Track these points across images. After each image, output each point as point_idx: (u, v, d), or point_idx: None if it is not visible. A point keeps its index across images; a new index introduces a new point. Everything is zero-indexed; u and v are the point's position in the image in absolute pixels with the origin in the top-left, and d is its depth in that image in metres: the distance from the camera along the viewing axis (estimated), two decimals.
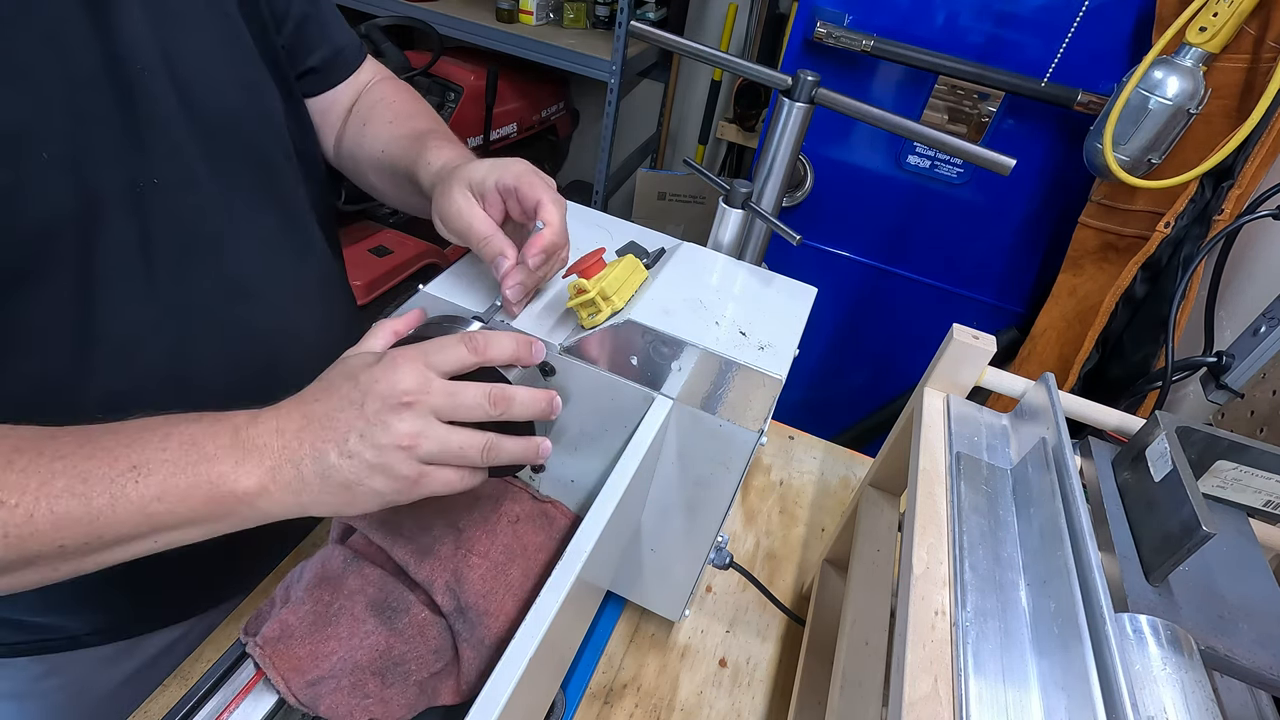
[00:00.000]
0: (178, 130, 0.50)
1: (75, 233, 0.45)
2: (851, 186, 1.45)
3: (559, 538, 0.56)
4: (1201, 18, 1.00)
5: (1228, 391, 0.85)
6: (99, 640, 0.63)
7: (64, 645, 0.61)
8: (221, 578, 0.69)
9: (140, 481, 0.37)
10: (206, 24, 0.53)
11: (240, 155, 0.56)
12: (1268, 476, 0.45)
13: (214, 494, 0.38)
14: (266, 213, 0.59)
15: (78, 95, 0.44)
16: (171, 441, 0.38)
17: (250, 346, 0.58)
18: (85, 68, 0.44)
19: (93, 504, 0.36)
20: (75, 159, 0.44)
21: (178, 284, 0.52)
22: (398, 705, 0.50)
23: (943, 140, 0.74)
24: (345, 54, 0.69)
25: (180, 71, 0.50)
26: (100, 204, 0.46)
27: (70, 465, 0.36)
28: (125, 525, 0.37)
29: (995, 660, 0.35)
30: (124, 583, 0.51)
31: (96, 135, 0.45)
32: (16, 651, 0.60)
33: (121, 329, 0.50)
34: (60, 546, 0.36)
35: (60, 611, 0.60)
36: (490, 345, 0.44)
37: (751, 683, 0.69)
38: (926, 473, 0.47)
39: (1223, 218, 1.05)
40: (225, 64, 0.54)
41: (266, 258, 0.59)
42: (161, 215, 0.50)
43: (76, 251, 0.45)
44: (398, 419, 0.40)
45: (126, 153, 0.47)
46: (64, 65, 0.43)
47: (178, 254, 0.51)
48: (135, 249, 0.49)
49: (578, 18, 2.25)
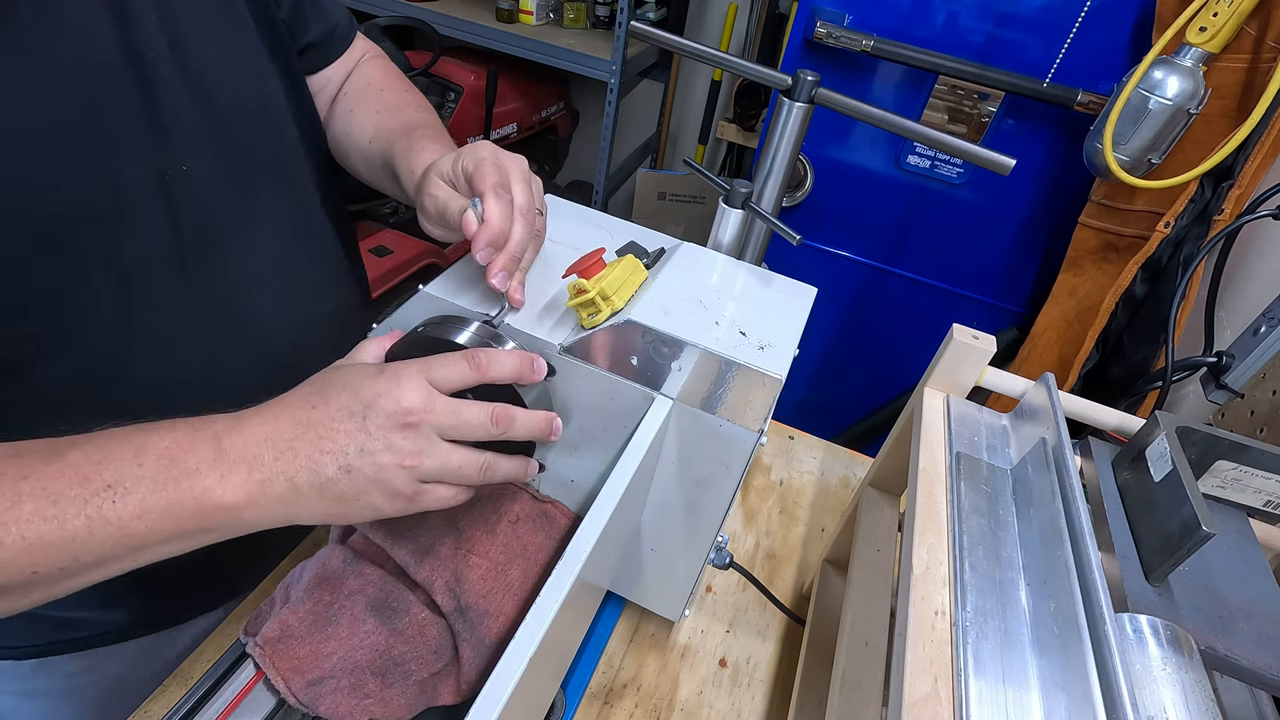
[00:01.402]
0: (193, 120, 0.50)
1: (107, 224, 0.45)
2: (851, 186, 1.45)
3: (559, 538, 0.56)
4: (1201, 18, 1.00)
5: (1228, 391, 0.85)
6: (141, 631, 0.63)
7: (109, 639, 0.61)
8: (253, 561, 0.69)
9: (117, 501, 0.35)
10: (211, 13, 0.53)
11: (251, 143, 0.56)
12: (1268, 476, 0.45)
13: (198, 509, 0.36)
14: (280, 200, 0.60)
15: (100, 87, 0.44)
16: (146, 456, 0.36)
17: (274, 334, 0.59)
18: (106, 59, 0.44)
19: (67, 526, 0.34)
20: (101, 151, 0.44)
21: (207, 273, 0.52)
22: (398, 705, 0.50)
23: (943, 140, 0.74)
24: (340, 29, 0.69)
25: (190, 61, 0.50)
26: (130, 195, 0.46)
27: (38, 486, 0.34)
28: (104, 547, 0.35)
29: (995, 660, 0.35)
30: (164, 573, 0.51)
31: (121, 126, 0.45)
32: (56, 650, 0.60)
33: (159, 320, 0.49)
34: (33, 573, 0.34)
35: (105, 606, 0.60)
36: (493, 363, 0.43)
37: (751, 683, 0.69)
38: (926, 473, 0.47)
39: (1223, 218, 1.05)
40: (229, 51, 0.54)
41: (284, 245, 0.60)
42: (190, 204, 0.50)
43: (109, 243, 0.45)
44: (401, 436, 0.39)
45: (151, 142, 0.47)
46: (85, 58, 0.43)
47: (205, 243, 0.51)
48: (169, 238, 0.49)
49: (578, 18, 2.25)
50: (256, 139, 0.56)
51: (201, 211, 0.51)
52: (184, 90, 0.49)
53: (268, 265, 0.58)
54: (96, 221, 0.44)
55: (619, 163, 2.51)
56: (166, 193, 0.48)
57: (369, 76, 0.70)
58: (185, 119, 0.49)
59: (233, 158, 0.54)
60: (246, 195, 0.55)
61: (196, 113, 0.50)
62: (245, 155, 0.55)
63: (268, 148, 0.58)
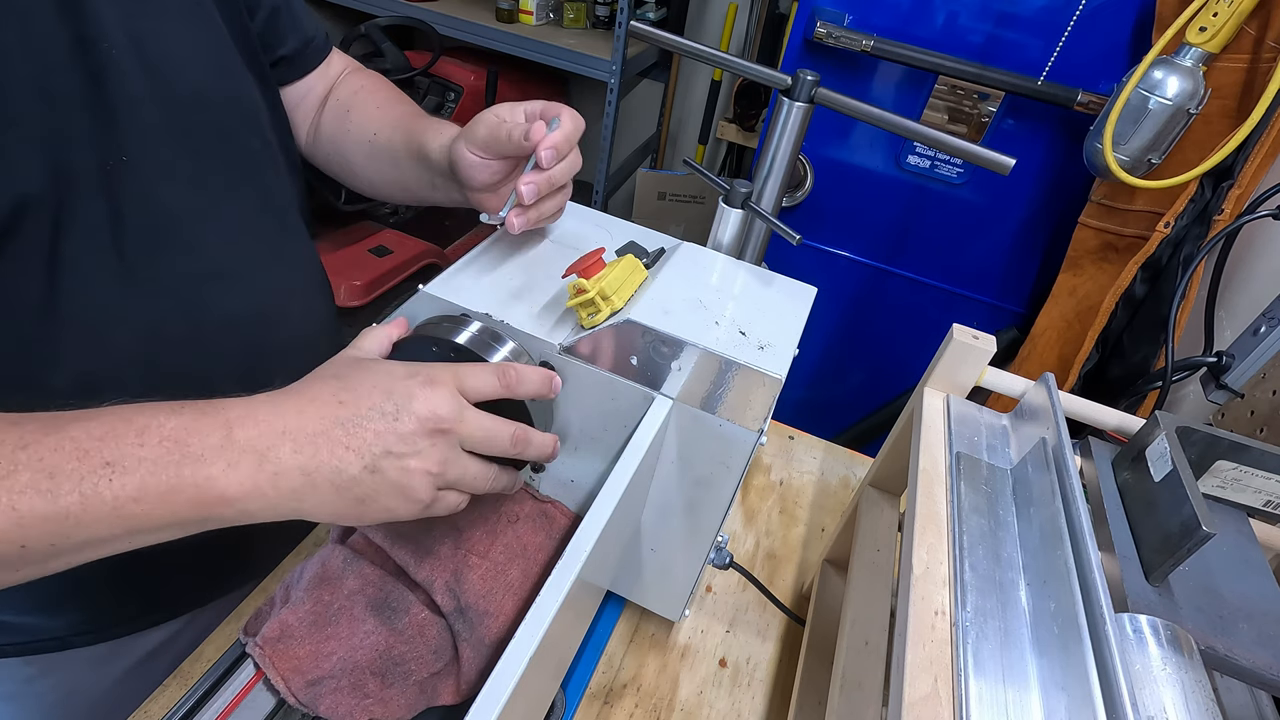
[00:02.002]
0: (148, 111, 0.49)
1: (46, 211, 0.44)
2: (851, 186, 1.45)
3: (559, 538, 0.56)
4: (1201, 18, 1.00)
5: (1228, 391, 0.85)
6: (86, 641, 0.62)
7: (52, 646, 0.60)
8: (212, 575, 0.68)
9: (114, 480, 0.34)
10: (176, 8, 0.52)
11: (214, 137, 0.55)
12: (1268, 476, 0.45)
13: (199, 497, 0.35)
14: (243, 197, 0.58)
15: (48, 77, 0.43)
16: (149, 437, 0.35)
17: (226, 331, 0.57)
18: (54, 50, 0.44)
19: (60, 502, 0.33)
20: (46, 139, 0.43)
21: (149, 264, 0.51)
22: (398, 705, 0.50)
23: (943, 140, 0.74)
24: (316, 42, 0.69)
25: (149, 52, 0.49)
26: (71, 183, 0.45)
27: (34, 457, 0.33)
28: (98, 526, 0.34)
29: (995, 660, 0.35)
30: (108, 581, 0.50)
31: (67, 115, 0.45)
32: (4, 653, 0.59)
33: (89, 308, 0.48)
34: (22, 547, 0.33)
35: (44, 611, 0.59)
36: (521, 380, 0.45)
37: (751, 683, 0.69)
38: (926, 473, 0.47)
39: (1223, 218, 1.05)
40: (195, 46, 0.54)
41: (243, 242, 0.58)
42: (131, 194, 0.49)
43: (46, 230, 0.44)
44: (430, 443, 0.39)
45: (97, 132, 0.46)
46: (32, 48, 0.42)
47: (148, 234, 0.50)
48: (105, 228, 0.48)
49: (578, 18, 2.25)
50: (219, 134, 0.56)
51: (146, 201, 0.50)
52: (139, 82, 0.48)
53: (222, 261, 0.56)
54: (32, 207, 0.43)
55: (619, 163, 2.51)
56: (108, 181, 0.47)
57: (360, 84, 0.71)
58: (137, 110, 0.48)
59: (189, 151, 0.53)
60: (202, 188, 0.54)
61: (152, 105, 0.49)
62: (205, 149, 0.54)
63: (232, 144, 0.57)
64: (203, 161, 0.54)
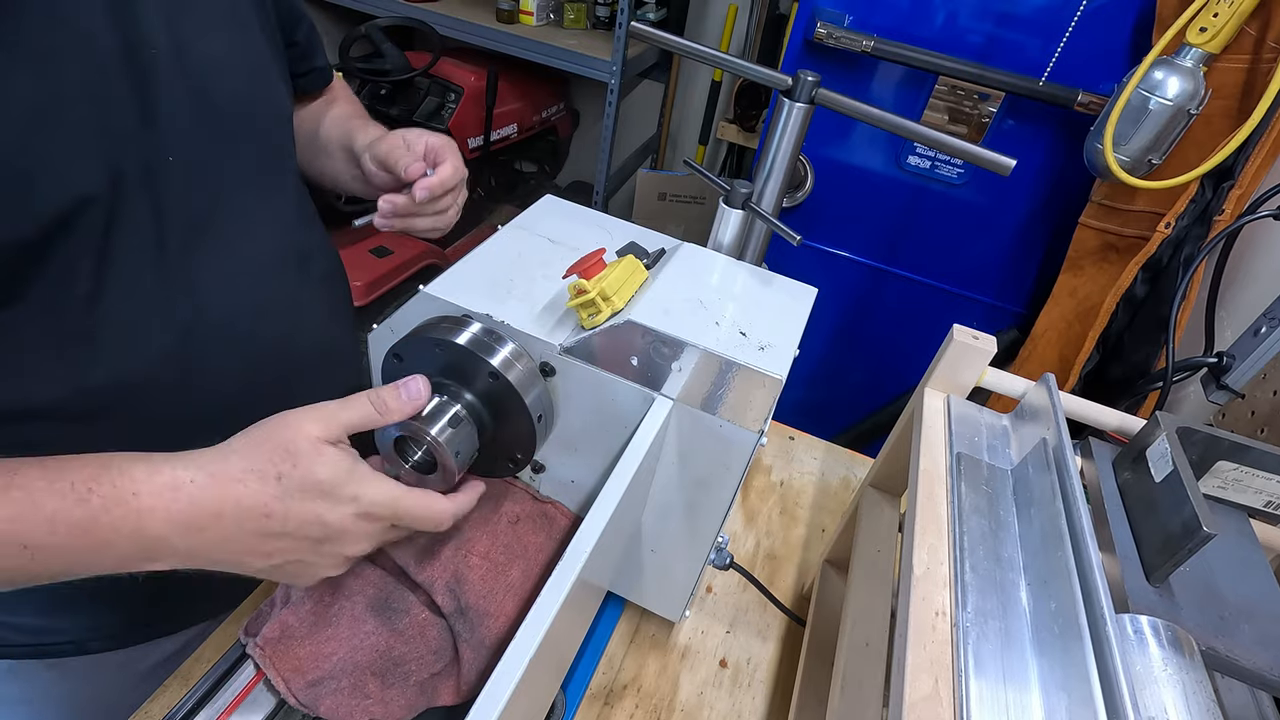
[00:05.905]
0: (189, 113, 0.51)
1: (101, 209, 0.46)
2: (852, 187, 1.45)
3: (559, 538, 0.56)
4: (1202, 18, 1.00)
5: (1228, 392, 0.84)
6: (103, 646, 0.62)
7: (68, 650, 0.61)
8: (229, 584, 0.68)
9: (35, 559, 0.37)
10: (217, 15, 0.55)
11: (251, 140, 0.58)
12: (1268, 477, 0.45)
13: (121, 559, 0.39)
14: (277, 198, 0.61)
15: (100, 81, 0.45)
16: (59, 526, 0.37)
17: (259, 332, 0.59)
18: (104, 53, 0.45)
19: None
20: (101, 140, 0.45)
21: (186, 262, 0.53)
22: (398, 706, 0.49)
23: (943, 140, 0.74)
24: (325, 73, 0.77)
25: (191, 58, 0.51)
26: (122, 182, 0.47)
27: None
28: None
29: (996, 661, 0.35)
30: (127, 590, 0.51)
31: (116, 116, 0.46)
32: (21, 654, 0.60)
33: (130, 305, 0.50)
34: None
35: (60, 614, 0.59)
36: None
37: (752, 683, 0.69)
38: (927, 473, 0.47)
39: (1223, 218, 1.05)
40: (235, 51, 0.56)
41: (278, 241, 0.61)
42: (174, 193, 0.51)
43: (100, 228, 0.47)
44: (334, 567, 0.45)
45: (142, 132, 0.48)
46: (84, 50, 0.44)
47: (187, 232, 0.52)
48: (149, 226, 0.50)
49: (578, 18, 2.25)
50: (255, 137, 0.58)
51: (187, 201, 0.52)
52: (181, 86, 0.51)
53: (258, 260, 0.58)
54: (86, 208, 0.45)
55: (619, 163, 2.51)
56: (152, 180, 0.49)
57: None
58: (179, 113, 0.51)
59: (228, 153, 0.55)
60: (237, 189, 0.56)
61: (193, 108, 0.52)
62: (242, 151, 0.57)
63: (266, 146, 0.60)
64: (240, 163, 0.56)
